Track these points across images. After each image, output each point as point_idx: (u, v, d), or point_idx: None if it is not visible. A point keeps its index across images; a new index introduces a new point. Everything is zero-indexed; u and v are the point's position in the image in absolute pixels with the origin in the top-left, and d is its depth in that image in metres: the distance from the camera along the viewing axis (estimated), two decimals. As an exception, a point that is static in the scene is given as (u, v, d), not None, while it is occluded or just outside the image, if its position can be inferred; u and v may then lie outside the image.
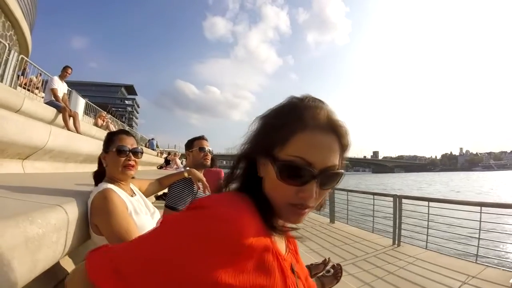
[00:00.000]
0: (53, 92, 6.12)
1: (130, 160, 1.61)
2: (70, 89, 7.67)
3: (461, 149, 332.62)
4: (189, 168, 2.34)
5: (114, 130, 11.16)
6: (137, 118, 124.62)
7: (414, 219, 6.25)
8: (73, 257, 1.95)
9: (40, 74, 10.69)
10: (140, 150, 1.67)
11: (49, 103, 5.97)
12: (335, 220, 7.92)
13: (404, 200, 6.04)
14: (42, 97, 8.37)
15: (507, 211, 4.87)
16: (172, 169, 10.13)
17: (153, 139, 20.79)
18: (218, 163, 5.58)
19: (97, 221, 1.35)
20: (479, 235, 4.89)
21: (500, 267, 4.65)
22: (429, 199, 5.87)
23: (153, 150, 17.77)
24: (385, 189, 41.17)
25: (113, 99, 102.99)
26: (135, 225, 1.43)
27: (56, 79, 6.34)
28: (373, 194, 7.22)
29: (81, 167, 4.13)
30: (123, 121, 27.61)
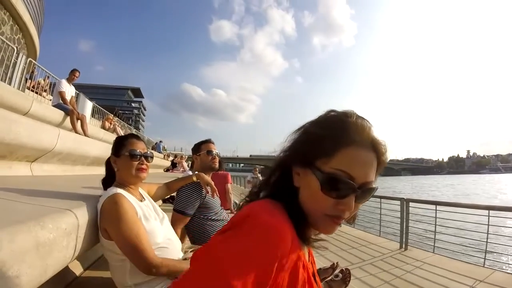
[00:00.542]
0: (61, 95, 6.15)
1: (142, 164, 1.62)
2: (78, 92, 7.71)
3: (468, 151, 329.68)
4: (197, 172, 2.34)
5: (121, 132, 11.24)
6: (143, 121, 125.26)
7: (422, 222, 6.19)
8: (81, 260, 1.97)
9: (48, 77, 10.78)
10: (150, 155, 1.69)
11: (57, 106, 6.01)
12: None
13: (411, 204, 5.99)
14: (50, 100, 8.44)
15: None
16: (179, 171, 10.14)
17: (161, 141, 20.88)
18: (224, 166, 5.58)
19: (107, 226, 1.36)
20: (487, 238, 4.83)
21: (508, 271, 4.59)
22: (436, 203, 5.81)
23: (159, 153, 17.84)
24: (394, 192, 40.52)
25: (120, 101, 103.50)
26: (145, 230, 1.43)
27: (64, 82, 6.38)
28: (380, 197, 7.12)
29: (88, 169, 4.15)
30: (129, 123, 27.73)
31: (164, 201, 4.58)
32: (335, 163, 0.65)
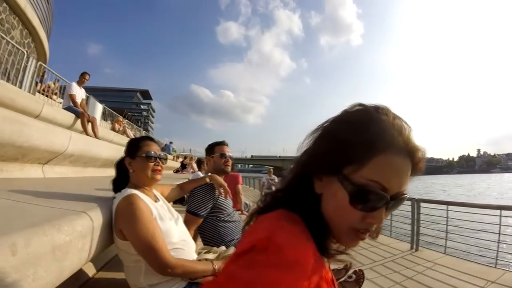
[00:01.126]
0: (71, 98, 6.20)
1: (158, 166, 1.64)
2: (88, 94, 7.77)
3: (478, 150, 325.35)
4: (210, 173, 2.34)
5: (131, 134, 11.30)
6: (152, 123, 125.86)
7: (433, 223, 6.12)
8: (94, 261, 1.98)
9: (58, 80, 10.90)
10: (164, 156, 1.71)
11: (67, 108, 6.05)
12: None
13: (422, 204, 5.92)
14: (60, 103, 8.52)
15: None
16: (188, 173, 10.16)
17: (171, 142, 20.92)
18: (235, 167, 5.60)
19: (123, 226, 1.37)
20: (499, 239, 4.75)
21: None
22: (447, 203, 5.72)
23: (169, 154, 17.88)
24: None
25: (129, 104, 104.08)
26: (160, 230, 1.43)
27: (74, 85, 6.43)
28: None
29: (100, 171, 4.18)
30: (139, 125, 27.89)
31: (174, 202, 4.58)
32: (368, 172, 0.56)
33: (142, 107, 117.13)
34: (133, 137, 9.89)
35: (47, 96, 9.65)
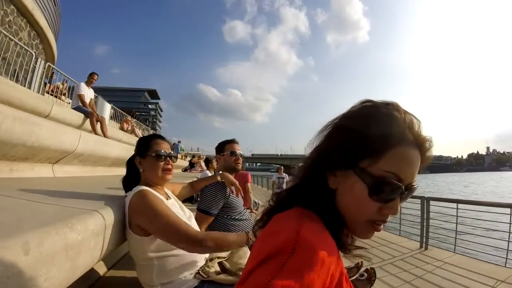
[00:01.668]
0: (80, 98, 6.24)
1: (168, 164, 1.63)
2: (96, 94, 7.82)
3: (487, 148, 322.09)
4: (221, 172, 2.33)
5: (140, 133, 11.34)
6: (160, 122, 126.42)
7: (442, 221, 6.06)
8: (105, 260, 1.99)
9: (66, 81, 10.99)
10: (175, 155, 1.69)
11: (76, 108, 6.10)
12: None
13: (431, 202, 5.87)
14: (68, 103, 8.58)
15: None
16: (197, 171, 10.19)
17: (179, 142, 20.95)
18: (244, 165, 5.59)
19: (140, 220, 1.37)
20: (509, 237, 4.69)
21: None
22: (457, 201, 5.65)
23: (177, 153, 17.81)
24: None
25: (136, 103, 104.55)
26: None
27: (83, 85, 6.46)
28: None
29: (109, 170, 4.20)
30: (147, 125, 28.02)
31: (183, 201, 4.60)
32: (384, 165, 0.58)
33: (150, 106, 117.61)
34: (141, 136, 9.94)
35: (55, 96, 9.73)
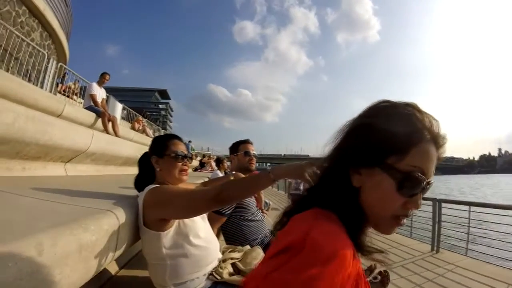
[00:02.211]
0: (92, 97, 6.28)
1: (185, 165, 1.62)
2: (108, 94, 7.89)
3: (499, 149, 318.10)
4: (235, 172, 2.32)
5: (151, 133, 11.40)
6: (171, 122, 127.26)
7: (454, 224, 5.98)
8: (117, 258, 1.98)
9: (78, 81, 11.11)
10: (190, 155, 1.68)
11: (88, 108, 6.14)
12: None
13: (443, 204, 5.78)
14: (80, 103, 8.67)
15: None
16: (207, 171, 10.24)
17: (190, 141, 21.03)
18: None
19: (160, 209, 1.35)
20: (523, 241, 4.62)
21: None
22: (470, 203, 5.56)
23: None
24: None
25: (147, 103, 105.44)
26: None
27: (94, 85, 6.51)
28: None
29: (121, 169, 4.22)
30: (157, 124, 28.22)
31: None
32: (411, 160, 0.61)
33: (160, 106, 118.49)
34: (152, 136, 9.97)
35: (67, 96, 9.84)
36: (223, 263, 1.56)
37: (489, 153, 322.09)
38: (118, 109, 10.78)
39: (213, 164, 11.36)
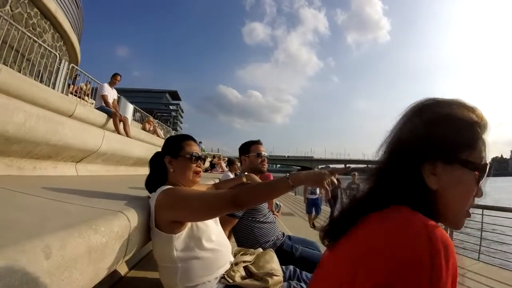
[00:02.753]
0: (103, 98, 6.32)
1: (199, 167, 1.60)
2: (119, 95, 7.94)
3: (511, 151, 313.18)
4: (247, 173, 2.28)
5: (161, 134, 11.44)
6: (181, 123, 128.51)
7: (466, 228, 5.87)
8: (127, 260, 1.96)
9: (90, 82, 11.24)
10: (204, 157, 1.66)
11: (99, 108, 6.18)
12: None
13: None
14: (92, 104, 8.74)
15: None
16: (218, 172, 10.24)
17: (200, 142, 21.07)
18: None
19: (175, 211, 1.33)
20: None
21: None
22: (483, 207, 5.43)
23: (201, 154, 17.89)
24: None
25: (158, 104, 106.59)
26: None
27: (106, 86, 6.56)
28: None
29: (131, 170, 4.22)
30: (168, 125, 28.43)
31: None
32: (478, 152, 0.65)
33: (171, 107, 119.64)
34: (163, 137, 10.01)
35: (79, 97, 9.94)
36: (235, 266, 1.52)
37: (501, 156, 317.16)
38: (129, 110, 10.85)
39: (223, 165, 11.35)
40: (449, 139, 0.64)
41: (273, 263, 1.62)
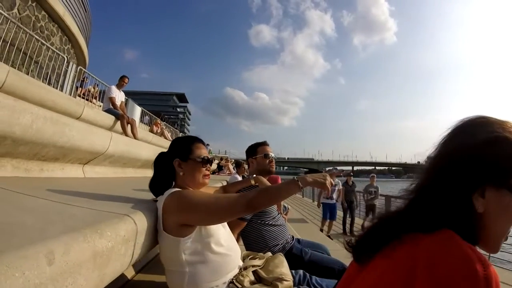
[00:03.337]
0: (111, 100, 6.35)
1: (208, 169, 1.59)
2: (127, 97, 7.97)
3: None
4: (255, 175, 2.25)
5: (169, 136, 11.48)
6: (188, 125, 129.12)
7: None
8: (134, 264, 1.93)
9: (97, 85, 11.31)
10: (211, 160, 1.63)
11: (107, 111, 6.22)
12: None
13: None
14: (99, 106, 8.79)
15: None
16: (225, 174, 10.24)
17: (208, 144, 21.08)
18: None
19: (183, 214, 1.32)
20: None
21: None
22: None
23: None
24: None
25: (165, 107, 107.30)
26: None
27: (113, 88, 6.60)
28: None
29: (139, 172, 4.21)
30: (175, 127, 28.55)
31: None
32: None
33: (178, 109, 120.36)
34: (171, 139, 10.04)
35: (87, 99, 10.00)
36: (244, 271, 1.48)
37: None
38: (137, 112, 10.89)
39: (230, 167, 11.34)
40: (502, 163, 0.62)
41: (283, 267, 1.58)
